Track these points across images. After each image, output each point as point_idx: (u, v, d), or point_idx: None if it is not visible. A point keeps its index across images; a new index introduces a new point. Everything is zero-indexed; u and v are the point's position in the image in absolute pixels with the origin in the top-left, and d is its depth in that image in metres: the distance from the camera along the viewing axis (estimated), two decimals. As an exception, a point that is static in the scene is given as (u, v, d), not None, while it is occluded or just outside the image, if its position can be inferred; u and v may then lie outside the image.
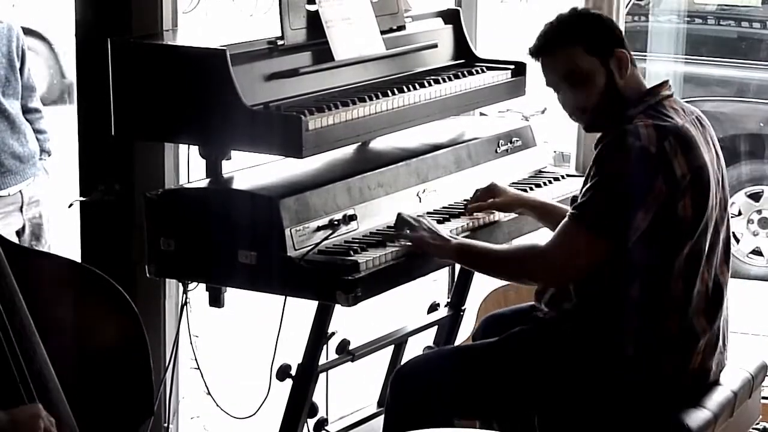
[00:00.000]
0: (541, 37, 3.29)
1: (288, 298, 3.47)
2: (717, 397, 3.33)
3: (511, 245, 3.43)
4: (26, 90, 4.85)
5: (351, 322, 3.85)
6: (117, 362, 2.70)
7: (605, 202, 3.09)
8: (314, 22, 3.50)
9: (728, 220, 3.31)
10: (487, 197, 3.62)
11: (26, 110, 4.85)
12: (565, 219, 3.17)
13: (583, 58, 3.23)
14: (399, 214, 3.39)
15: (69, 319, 2.64)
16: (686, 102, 3.37)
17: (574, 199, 3.24)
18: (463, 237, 3.43)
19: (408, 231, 3.34)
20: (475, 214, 3.60)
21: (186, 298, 3.67)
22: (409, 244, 3.32)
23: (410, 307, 4.45)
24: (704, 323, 3.23)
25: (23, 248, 3.20)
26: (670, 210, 3.10)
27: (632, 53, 3.28)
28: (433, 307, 4.18)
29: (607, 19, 3.39)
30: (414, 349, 4.08)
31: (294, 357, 3.55)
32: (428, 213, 3.56)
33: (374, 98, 3.48)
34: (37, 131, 4.89)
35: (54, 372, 2.52)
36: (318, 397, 3.68)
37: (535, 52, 3.30)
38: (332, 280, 3.17)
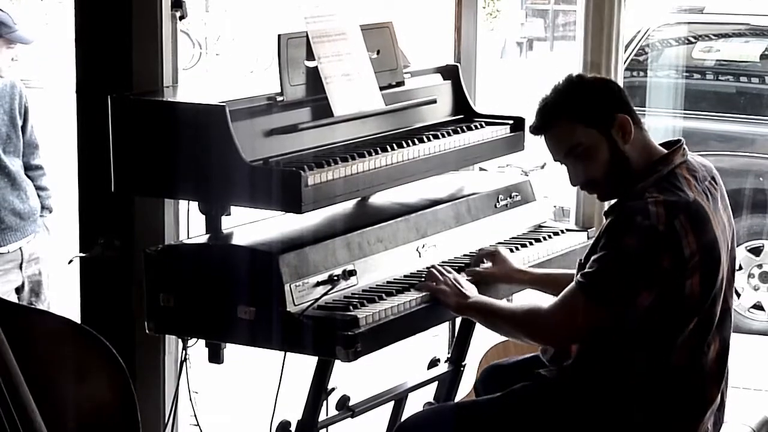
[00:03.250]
0: (537, 114, 3.26)
1: (288, 353, 3.46)
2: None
3: (517, 304, 3.41)
4: (28, 147, 4.87)
5: (351, 376, 3.83)
6: (105, 422, 2.67)
7: (610, 277, 3.07)
8: (313, 78, 3.51)
9: (733, 279, 3.28)
10: (489, 262, 3.62)
11: (28, 167, 4.86)
12: (572, 285, 3.15)
13: (582, 132, 3.18)
14: (431, 266, 3.46)
15: (59, 377, 2.62)
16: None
17: (580, 263, 3.23)
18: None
19: (433, 283, 3.38)
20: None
21: (185, 354, 3.67)
22: (426, 293, 3.36)
23: (410, 363, 4.43)
24: (714, 390, 3.21)
25: (15, 305, 3.19)
26: (677, 288, 3.07)
27: (635, 111, 3.22)
28: (434, 363, 4.17)
29: (601, 85, 3.29)
30: (414, 405, 4.07)
31: (294, 413, 3.54)
32: (428, 268, 3.56)
33: (373, 153, 3.48)
34: (38, 188, 4.90)
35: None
36: (318, 453, 3.66)
37: (533, 131, 3.28)
38: (332, 335, 3.16)
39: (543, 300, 3.29)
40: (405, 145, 3.61)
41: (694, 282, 3.08)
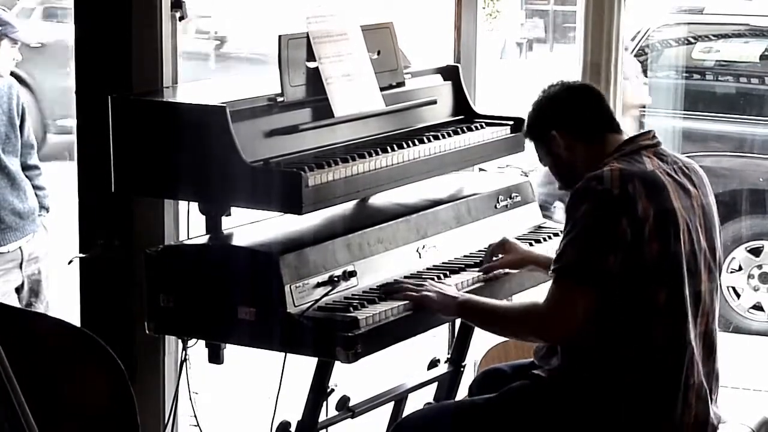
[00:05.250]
0: None
1: (288, 354, 3.46)
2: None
3: (512, 302, 3.42)
4: (25, 147, 4.87)
5: (351, 376, 3.83)
6: (103, 426, 2.66)
7: (577, 249, 3.10)
8: (314, 79, 3.51)
9: (718, 271, 3.28)
10: (500, 253, 3.63)
11: (25, 167, 4.87)
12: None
13: (536, 145, 3.43)
14: (396, 281, 3.43)
15: (57, 381, 2.61)
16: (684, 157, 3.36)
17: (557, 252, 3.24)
18: (466, 292, 3.42)
19: (413, 293, 3.35)
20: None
21: (185, 354, 3.66)
22: (413, 302, 3.33)
23: (410, 363, 4.43)
24: (700, 375, 3.20)
25: (12, 308, 3.18)
26: (638, 253, 3.08)
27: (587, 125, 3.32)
28: (433, 363, 4.17)
29: (546, 102, 3.41)
30: (414, 405, 4.06)
31: (294, 413, 3.53)
32: (428, 269, 3.57)
33: (374, 154, 3.48)
34: (36, 188, 4.91)
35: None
36: (318, 454, 3.66)
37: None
38: (332, 336, 3.16)
39: (538, 297, 3.29)
40: (405, 145, 3.61)
41: (653, 248, 3.09)
